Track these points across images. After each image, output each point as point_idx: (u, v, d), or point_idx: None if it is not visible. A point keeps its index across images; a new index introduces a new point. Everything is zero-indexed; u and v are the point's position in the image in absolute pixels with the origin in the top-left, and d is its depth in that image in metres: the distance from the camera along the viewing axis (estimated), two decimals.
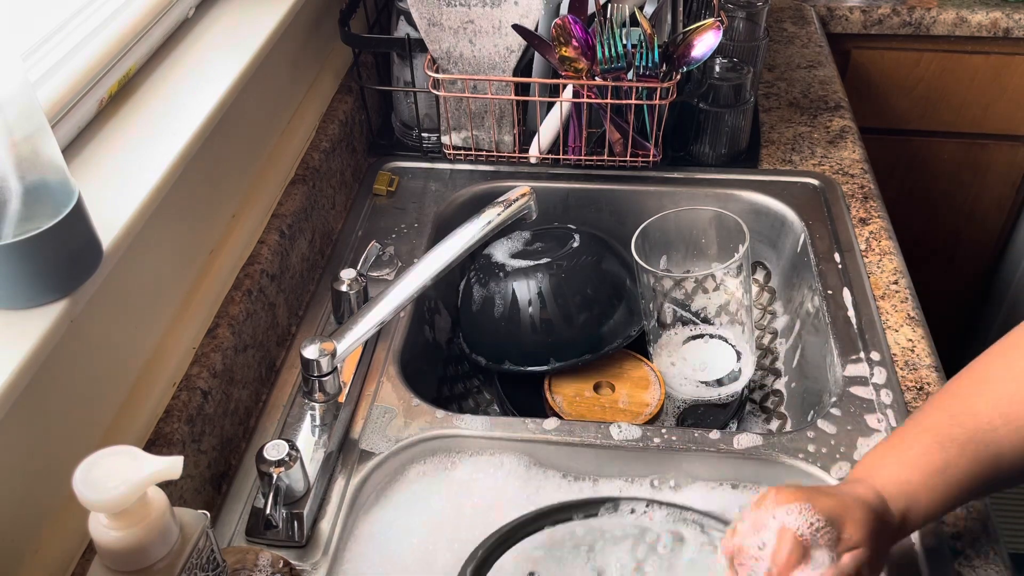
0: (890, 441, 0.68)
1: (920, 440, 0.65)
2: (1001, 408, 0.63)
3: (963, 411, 0.65)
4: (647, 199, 1.13)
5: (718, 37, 1.00)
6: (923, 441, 0.64)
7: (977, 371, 0.67)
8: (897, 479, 0.64)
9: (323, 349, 0.78)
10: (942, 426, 0.64)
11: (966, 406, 0.65)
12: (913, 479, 0.63)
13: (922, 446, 0.64)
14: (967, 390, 0.66)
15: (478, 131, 1.14)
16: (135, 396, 0.73)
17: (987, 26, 1.51)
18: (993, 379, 0.65)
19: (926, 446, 0.64)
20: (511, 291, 0.94)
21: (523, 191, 0.86)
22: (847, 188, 1.11)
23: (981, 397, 0.65)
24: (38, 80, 0.71)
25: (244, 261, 0.89)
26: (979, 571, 0.71)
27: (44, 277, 0.59)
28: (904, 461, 0.64)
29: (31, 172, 0.56)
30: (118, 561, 0.53)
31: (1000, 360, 0.66)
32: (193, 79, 0.84)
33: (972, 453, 0.63)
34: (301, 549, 0.74)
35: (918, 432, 0.65)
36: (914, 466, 0.64)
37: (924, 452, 0.64)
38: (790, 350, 1.02)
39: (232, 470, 0.81)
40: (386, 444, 0.83)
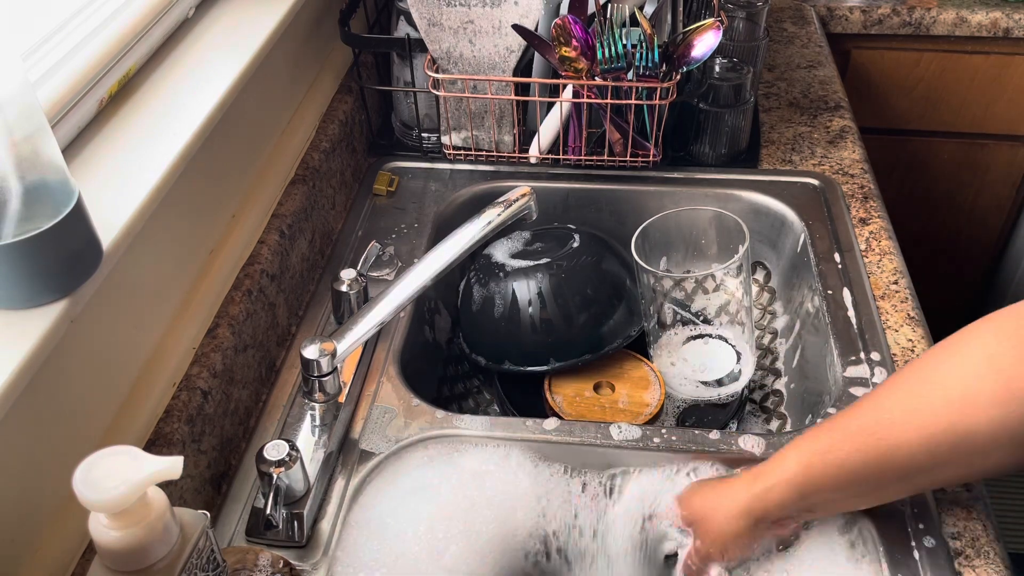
0: (805, 435, 0.72)
1: (818, 435, 0.70)
2: (908, 412, 0.65)
3: (871, 411, 0.67)
4: (647, 199, 1.13)
5: (718, 37, 1.00)
6: (820, 436, 0.69)
7: (900, 375, 0.69)
8: (777, 461, 0.71)
9: (323, 349, 0.78)
10: (844, 423, 0.68)
11: (876, 406, 0.67)
12: (790, 462, 0.69)
13: (815, 439, 0.69)
14: (883, 393, 0.68)
15: (478, 131, 1.14)
16: (135, 396, 0.73)
17: (987, 26, 1.51)
18: (910, 383, 0.66)
19: (820, 439, 0.69)
20: (511, 291, 0.94)
21: (523, 191, 0.86)
22: (847, 188, 1.11)
23: (891, 399, 0.67)
24: (38, 80, 0.71)
25: (244, 261, 0.89)
26: (979, 571, 0.71)
27: (44, 277, 0.59)
28: (794, 449, 0.70)
29: (31, 172, 0.56)
30: (118, 561, 0.53)
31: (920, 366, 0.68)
32: (193, 79, 0.84)
33: (861, 445, 0.66)
34: (301, 549, 0.74)
35: (822, 430, 0.70)
36: (799, 452, 0.70)
37: (812, 441, 0.69)
38: (790, 350, 1.02)
39: (232, 470, 0.81)
40: (386, 444, 0.83)
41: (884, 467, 0.65)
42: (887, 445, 0.64)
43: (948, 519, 0.75)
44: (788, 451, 0.71)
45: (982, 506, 0.75)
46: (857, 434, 0.66)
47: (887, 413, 0.65)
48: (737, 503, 0.72)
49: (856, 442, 0.66)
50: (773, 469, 0.71)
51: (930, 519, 0.74)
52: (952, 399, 0.62)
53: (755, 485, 0.71)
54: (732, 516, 0.72)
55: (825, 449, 0.67)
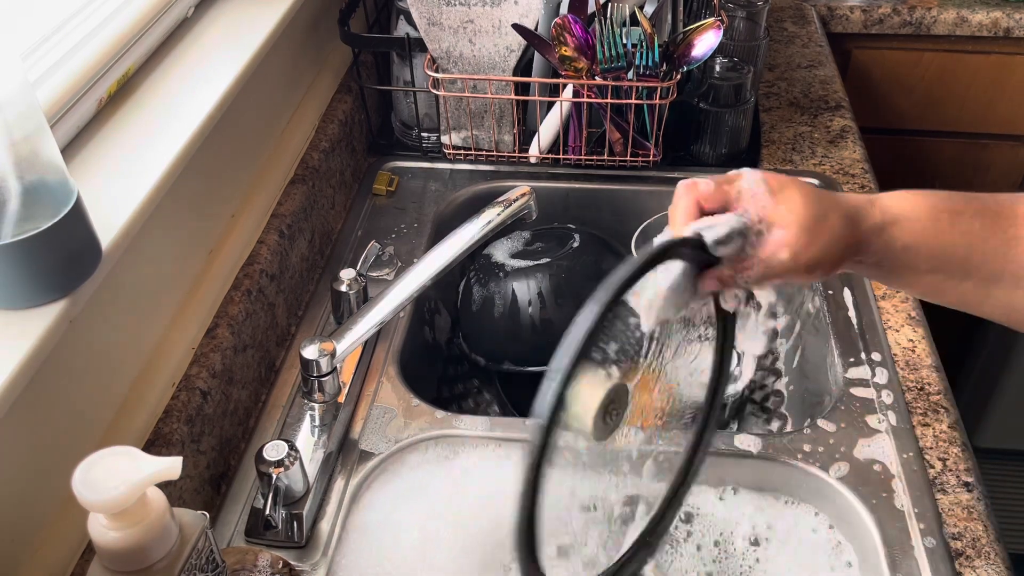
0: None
1: (953, 193, 0.62)
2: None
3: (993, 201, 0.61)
4: (647, 199, 1.13)
5: (718, 37, 1.00)
6: (954, 194, 0.62)
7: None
8: (905, 199, 0.62)
9: (323, 349, 0.78)
10: (979, 196, 0.62)
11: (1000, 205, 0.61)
12: (921, 205, 0.61)
13: (949, 194, 0.62)
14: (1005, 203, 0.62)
15: (478, 131, 1.14)
16: (134, 396, 0.72)
17: (988, 26, 1.51)
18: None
19: (953, 195, 0.62)
20: (511, 291, 0.94)
21: (523, 191, 0.86)
22: (847, 188, 1.11)
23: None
24: (38, 80, 0.71)
25: (244, 261, 0.89)
26: (979, 571, 0.71)
27: (44, 277, 0.59)
28: (926, 194, 0.62)
29: (30, 172, 0.56)
30: (117, 561, 0.53)
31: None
32: (193, 79, 0.84)
33: (990, 220, 0.60)
34: (301, 549, 0.74)
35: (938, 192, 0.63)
36: (930, 197, 0.62)
37: (948, 196, 0.62)
38: (791, 351, 1.02)
39: (232, 470, 0.81)
40: (386, 444, 0.83)
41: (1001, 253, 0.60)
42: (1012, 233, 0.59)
43: (948, 519, 0.74)
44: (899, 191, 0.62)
45: (983, 506, 0.75)
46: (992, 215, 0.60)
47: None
48: (849, 206, 0.60)
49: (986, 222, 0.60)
50: (887, 196, 0.62)
51: (930, 519, 0.74)
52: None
53: (869, 202, 0.61)
54: (846, 222, 0.59)
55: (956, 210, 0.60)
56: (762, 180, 0.61)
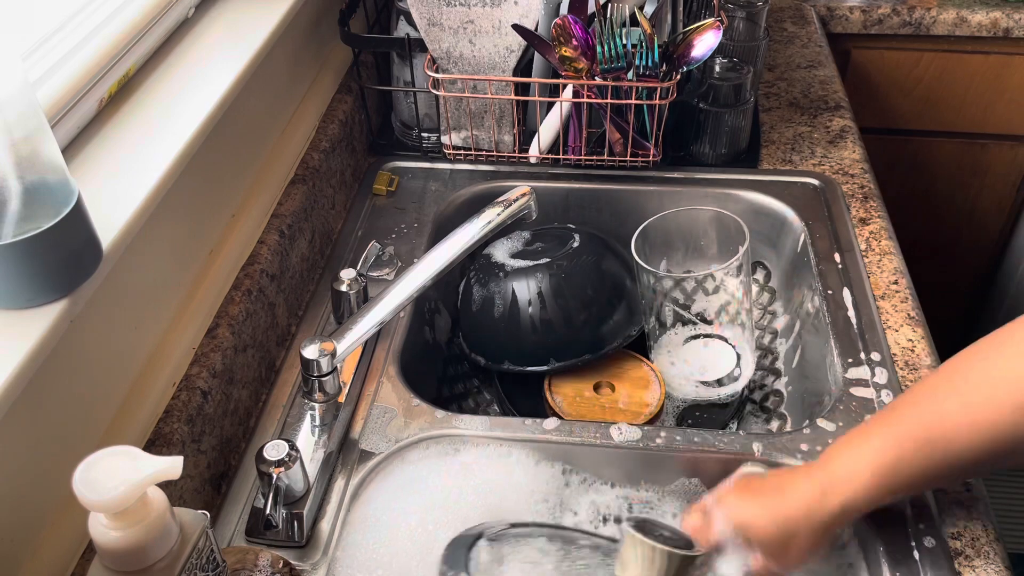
0: (857, 430, 0.71)
1: (882, 436, 0.68)
2: (971, 413, 0.64)
3: (932, 411, 0.66)
4: (647, 199, 1.13)
5: (718, 37, 1.00)
6: (884, 437, 0.67)
7: (957, 368, 0.68)
8: (848, 472, 0.67)
9: (323, 349, 0.78)
10: (906, 424, 0.67)
11: (936, 406, 0.66)
12: (864, 474, 0.67)
13: (881, 440, 0.67)
14: (943, 388, 0.67)
15: (478, 131, 1.14)
16: (135, 396, 0.73)
17: (987, 26, 1.51)
18: (971, 380, 0.66)
19: (885, 441, 0.67)
20: (511, 291, 0.94)
21: (523, 191, 0.86)
22: (847, 188, 1.11)
23: (953, 398, 0.66)
24: (38, 80, 0.71)
25: (244, 261, 0.89)
26: (979, 571, 0.71)
27: (44, 277, 0.59)
28: (861, 456, 0.68)
29: (31, 172, 0.56)
30: (118, 561, 0.53)
31: (980, 361, 0.66)
32: (193, 79, 0.84)
33: (929, 453, 0.65)
34: (301, 549, 0.74)
35: (882, 427, 0.68)
36: (869, 462, 0.67)
37: (882, 448, 0.67)
38: (790, 350, 1.02)
39: (232, 470, 0.81)
40: (386, 444, 0.83)
41: (949, 466, 0.66)
42: (947, 445, 0.65)
43: (948, 519, 0.74)
44: (852, 455, 0.68)
45: (982, 506, 0.75)
46: (925, 446, 0.65)
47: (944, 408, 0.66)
48: (813, 519, 0.67)
49: (923, 454, 0.66)
50: (843, 479, 0.67)
51: (930, 519, 0.74)
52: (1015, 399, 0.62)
53: (829, 500, 0.67)
54: (813, 533, 0.67)
55: (895, 456, 0.66)
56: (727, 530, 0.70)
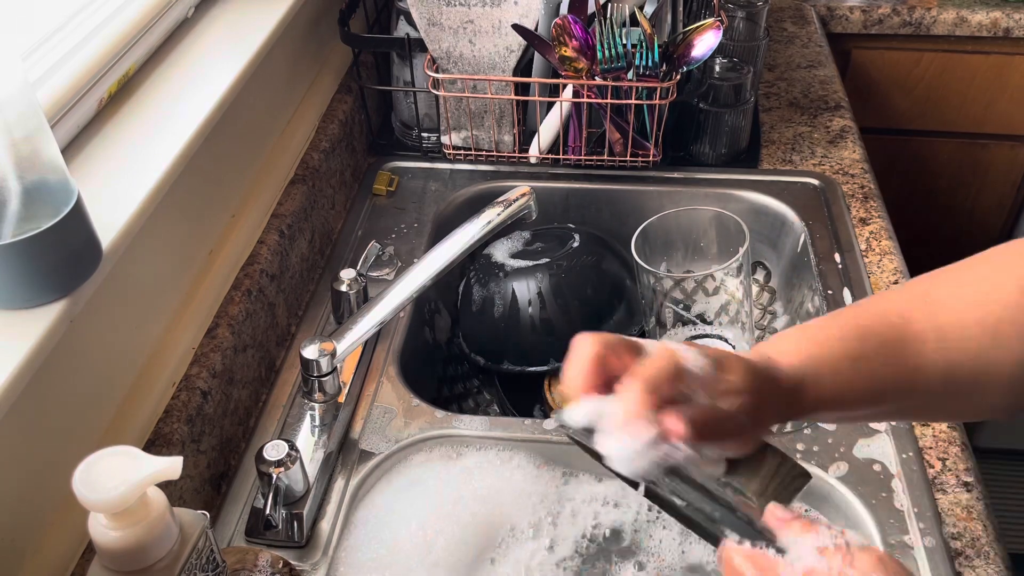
0: (813, 321, 0.61)
1: (843, 324, 0.59)
2: (940, 328, 0.58)
3: (899, 313, 0.59)
4: (647, 199, 1.13)
5: (718, 37, 1.00)
6: (846, 326, 0.59)
7: (929, 283, 0.61)
8: (800, 352, 0.57)
9: (323, 349, 0.78)
10: (872, 319, 0.59)
11: (905, 310, 0.59)
12: (820, 355, 0.57)
13: (841, 330, 0.59)
14: (913, 295, 0.60)
15: (478, 131, 1.14)
16: (135, 396, 0.73)
17: (987, 26, 1.51)
18: (942, 297, 0.59)
19: (847, 331, 0.58)
20: (511, 291, 0.94)
21: (523, 191, 0.86)
22: (847, 188, 1.11)
23: (923, 308, 0.59)
24: (38, 80, 0.71)
25: (244, 261, 0.89)
26: (979, 571, 0.71)
27: (44, 277, 0.59)
28: (816, 338, 0.58)
29: (31, 172, 0.56)
30: (118, 561, 0.53)
31: (954, 278, 0.61)
32: (193, 79, 0.84)
33: (891, 356, 0.57)
34: (301, 549, 0.74)
35: (846, 317, 0.60)
36: (824, 344, 0.58)
37: (840, 336, 0.58)
38: None
39: (232, 470, 0.81)
40: (386, 444, 0.83)
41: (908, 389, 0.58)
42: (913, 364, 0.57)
43: (948, 519, 0.74)
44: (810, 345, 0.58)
45: (982, 506, 0.75)
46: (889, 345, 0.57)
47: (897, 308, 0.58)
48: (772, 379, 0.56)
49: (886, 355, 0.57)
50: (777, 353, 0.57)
51: (930, 519, 0.74)
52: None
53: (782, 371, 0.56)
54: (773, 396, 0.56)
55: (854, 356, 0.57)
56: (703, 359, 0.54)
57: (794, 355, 0.57)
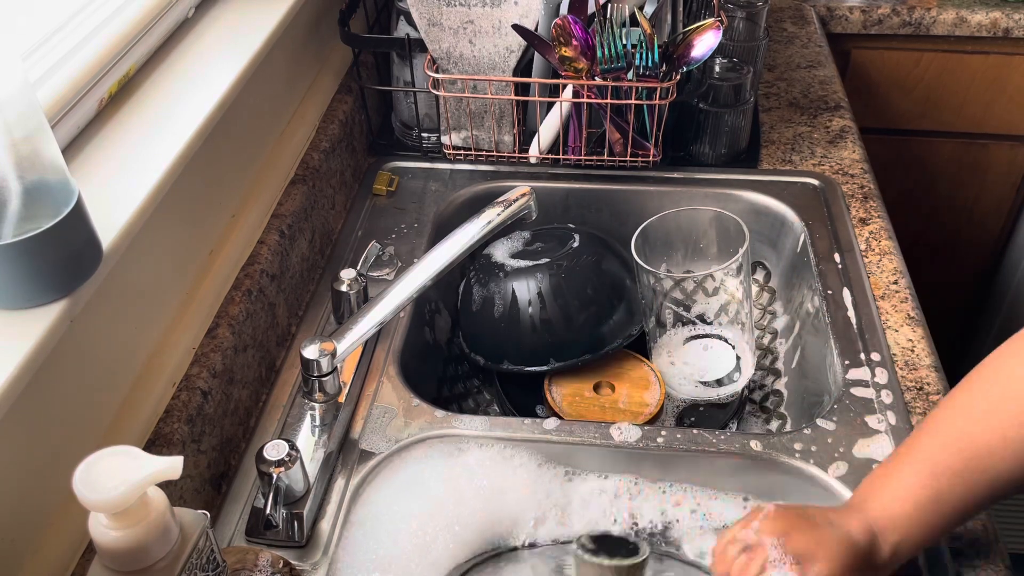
0: (886, 468, 0.67)
1: (915, 470, 0.64)
2: (1001, 430, 0.62)
3: (960, 436, 0.63)
4: (647, 199, 1.13)
5: (718, 37, 1.00)
6: (917, 471, 0.64)
7: (975, 388, 0.65)
8: (890, 512, 0.64)
9: (323, 349, 0.78)
10: (936, 454, 0.64)
11: (963, 431, 0.64)
12: (907, 511, 0.63)
13: (916, 477, 0.64)
14: (964, 411, 0.65)
15: (478, 131, 1.14)
16: (135, 396, 0.73)
17: (987, 26, 1.51)
18: (992, 397, 0.63)
19: (920, 477, 0.64)
20: (511, 291, 0.94)
21: (523, 191, 0.86)
22: (847, 188, 1.11)
23: (979, 421, 0.63)
24: (38, 80, 0.71)
25: (244, 261, 0.89)
26: (979, 571, 0.71)
27: (44, 277, 0.59)
28: (898, 494, 0.64)
29: (31, 172, 0.56)
30: (118, 561, 0.53)
31: (996, 375, 0.64)
32: (193, 79, 0.84)
33: (967, 481, 0.62)
34: (301, 549, 0.74)
35: (913, 460, 0.65)
36: (907, 499, 0.64)
37: (918, 484, 0.63)
38: (790, 350, 1.02)
39: (232, 470, 0.81)
40: (386, 444, 0.83)
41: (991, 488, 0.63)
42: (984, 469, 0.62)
43: None
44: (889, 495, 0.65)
45: None
46: (962, 473, 0.63)
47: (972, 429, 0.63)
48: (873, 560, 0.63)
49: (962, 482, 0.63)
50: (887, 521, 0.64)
51: None
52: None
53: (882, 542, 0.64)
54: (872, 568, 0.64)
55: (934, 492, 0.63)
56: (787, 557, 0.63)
57: (887, 518, 0.64)
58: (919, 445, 0.66)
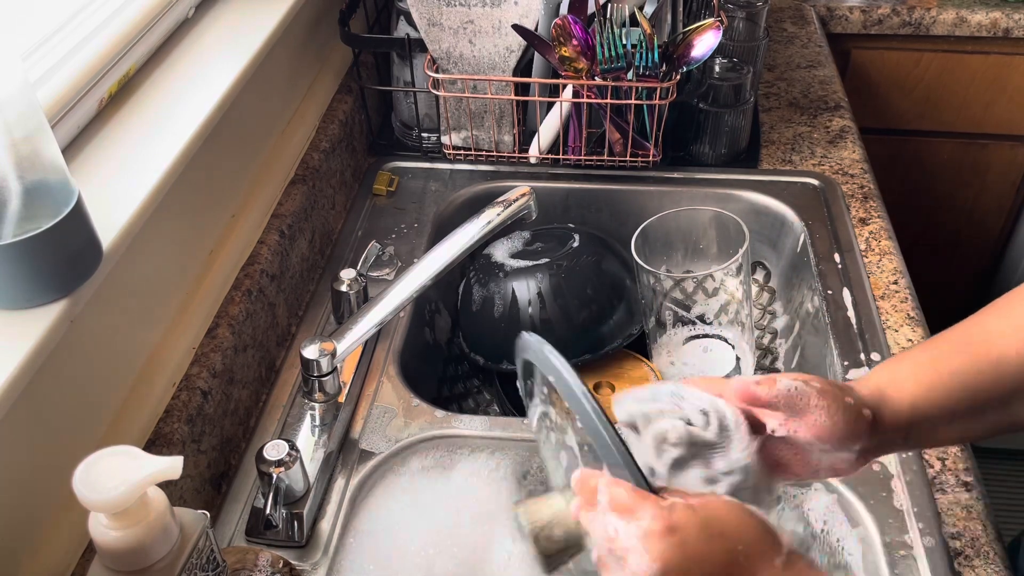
0: (899, 354, 0.66)
1: (921, 346, 0.64)
2: (1013, 322, 0.60)
3: (973, 324, 0.62)
4: (647, 199, 1.13)
5: (718, 37, 1.00)
6: (922, 346, 0.64)
7: (1007, 300, 0.64)
8: (883, 369, 0.63)
9: (323, 349, 0.78)
10: (945, 334, 0.63)
11: (984, 328, 0.62)
12: (902, 367, 0.61)
13: (918, 347, 0.64)
14: (991, 315, 0.63)
15: (478, 131, 1.14)
16: (135, 396, 0.73)
17: (987, 26, 1.51)
18: (1014, 307, 0.62)
19: (921, 346, 0.64)
20: (511, 291, 0.94)
21: (523, 191, 0.86)
22: (847, 188, 1.11)
23: (995, 317, 0.62)
24: (38, 80, 0.71)
25: (244, 261, 0.89)
26: (978, 571, 0.71)
27: (44, 277, 0.59)
28: (898, 358, 0.63)
29: (31, 172, 0.56)
30: (118, 561, 0.53)
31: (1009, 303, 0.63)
32: (193, 79, 0.84)
33: (969, 352, 0.60)
34: (301, 549, 0.74)
35: (926, 347, 0.64)
36: (902, 358, 0.63)
37: (918, 349, 0.63)
38: (790, 350, 1.02)
39: (232, 470, 0.81)
40: (386, 444, 0.83)
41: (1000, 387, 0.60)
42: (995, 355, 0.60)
43: (948, 519, 0.75)
44: (895, 368, 0.63)
45: (982, 506, 0.75)
46: (967, 344, 0.61)
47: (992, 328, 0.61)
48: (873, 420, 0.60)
49: (965, 352, 0.60)
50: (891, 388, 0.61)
51: (929, 519, 0.74)
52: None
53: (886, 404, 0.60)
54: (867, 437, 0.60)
55: (934, 359, 0.61)
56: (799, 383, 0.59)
57: (877, 373, 0.62)
58: (935, 338, 0.64)
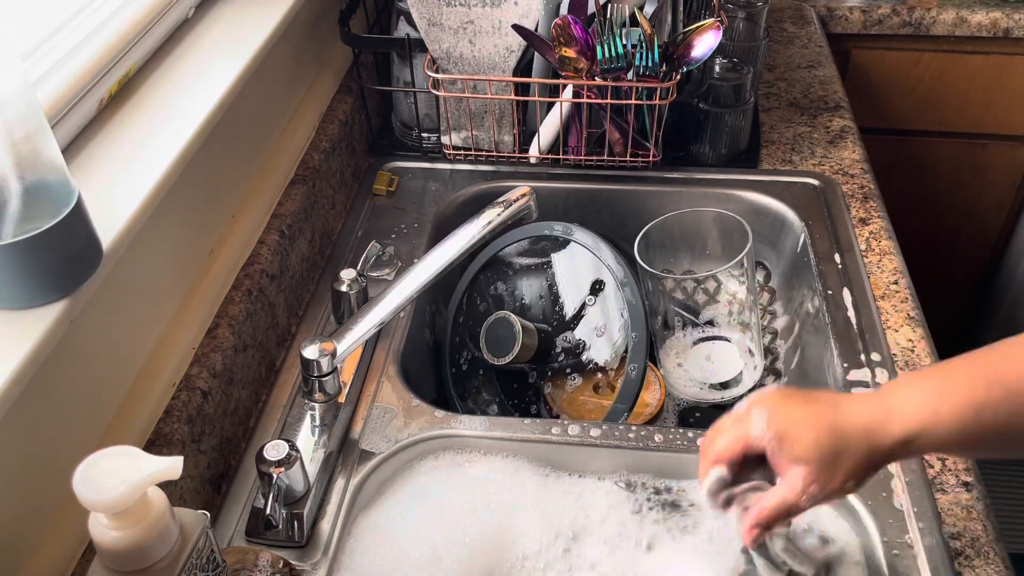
0: (937, 367, 0.64)
1: (967, 373, 0.60)
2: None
3: (1009, 361, 0.59)
4: (647, 199, 1.13)
5: (718, 37, 1.00)
6: (970, 375, 0.60)
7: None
8: (917, 403, 0.60)
9: (323, 349, 0.78)
10: (996, 366, 0.60)
11: (1014, 357, 0.59)
12: (942, 410, 0.59)
13: (967, 379, 0.60)
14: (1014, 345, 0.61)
15: (478, 131, 1.14)
16: (135, 396, 0.73)
17: (987, 26, 1.51)
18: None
19: (971, 379, 0.60)
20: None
21: (523, 191, 0.86)
22: (847, 188, 1.11)
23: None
24: (38, 80, 0.71)
25: (244, 261, 0.89)
26: (979, 571, 0.71)
27: (44, 277, 0.59)
28: (942, 390, 0.60)
29: (31, 172, 0.56)
30: (118, 561, 0.53)
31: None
32: (193, 79, 0.84)
33: (1006, 399, 0.58)
34: (301, 549, 0.74)
35: (968, 365, 0.61)
36: (940, 395, 0.60)
37: (967, 385, 0.59)
38: (790, 350, 1.02)
39: (232, 470, 0.81)
40: (386, 444, 0.83)
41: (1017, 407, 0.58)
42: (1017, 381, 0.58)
43: (948, 519, 0.75)
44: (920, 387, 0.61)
45: (982, 506, 0.75)
46: (1016, 393, 0.58)
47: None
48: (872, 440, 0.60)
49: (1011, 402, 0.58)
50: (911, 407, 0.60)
51: (929, 519, 0.74)
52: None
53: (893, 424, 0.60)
54: (868, 456, 0.60)
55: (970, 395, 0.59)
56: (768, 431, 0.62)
57: (915, 409, 0.60)
58: (978, 356, 0.61)
